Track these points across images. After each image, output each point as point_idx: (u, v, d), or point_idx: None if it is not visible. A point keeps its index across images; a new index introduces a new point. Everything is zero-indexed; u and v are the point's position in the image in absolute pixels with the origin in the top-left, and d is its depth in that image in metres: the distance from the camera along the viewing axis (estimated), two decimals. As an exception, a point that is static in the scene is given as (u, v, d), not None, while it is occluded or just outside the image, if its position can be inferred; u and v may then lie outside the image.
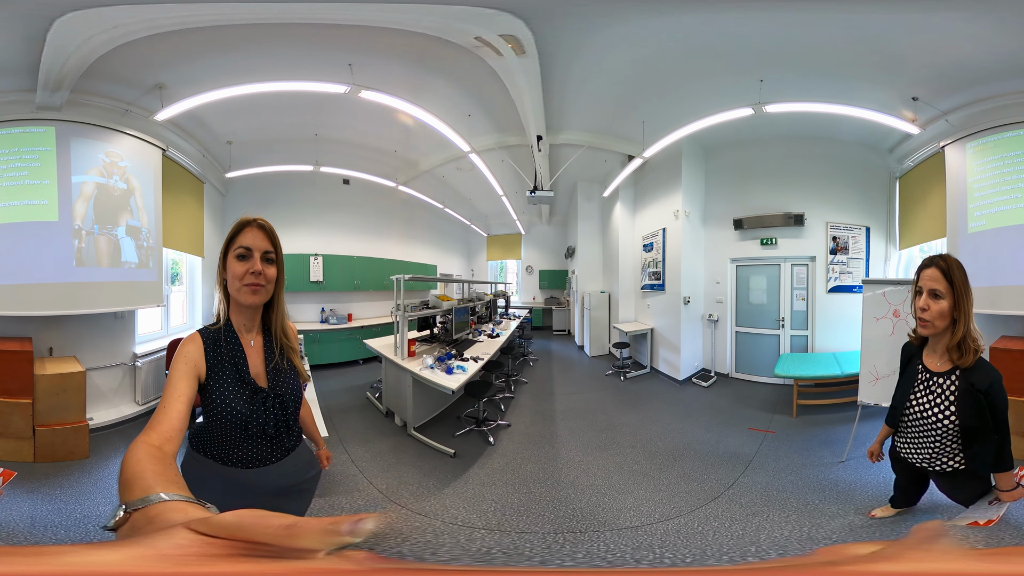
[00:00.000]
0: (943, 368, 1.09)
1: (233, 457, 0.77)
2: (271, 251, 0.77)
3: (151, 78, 2.65)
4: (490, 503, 1.90)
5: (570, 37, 2.33)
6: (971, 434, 1.05)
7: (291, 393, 0.82)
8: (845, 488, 1.94)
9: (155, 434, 0.56)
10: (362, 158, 4.51)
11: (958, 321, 1.03)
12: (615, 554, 1.48)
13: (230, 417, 0.75)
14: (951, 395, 1.07)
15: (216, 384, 0.75)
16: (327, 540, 0.21)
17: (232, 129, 3.64)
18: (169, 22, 2.02)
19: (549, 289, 8.33)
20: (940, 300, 1.02)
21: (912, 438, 1.17)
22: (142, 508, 0.32)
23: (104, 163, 2.71)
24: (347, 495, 1.95)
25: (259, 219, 0.77)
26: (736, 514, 1.77)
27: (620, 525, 1.71)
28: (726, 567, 0.23)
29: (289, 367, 0.83)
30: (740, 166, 4.17)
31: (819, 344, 3.86)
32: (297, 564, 0.19)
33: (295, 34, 2.36)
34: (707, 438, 2.65)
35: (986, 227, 2.65)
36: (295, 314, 4.94)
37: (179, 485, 0.38)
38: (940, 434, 1.09)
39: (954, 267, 1.02)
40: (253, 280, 0.74)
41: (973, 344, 1.04)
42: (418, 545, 0.23)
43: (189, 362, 0.72)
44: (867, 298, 2.30)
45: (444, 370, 2.76)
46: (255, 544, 0.21)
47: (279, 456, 0.81)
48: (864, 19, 2.04)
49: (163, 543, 0.21)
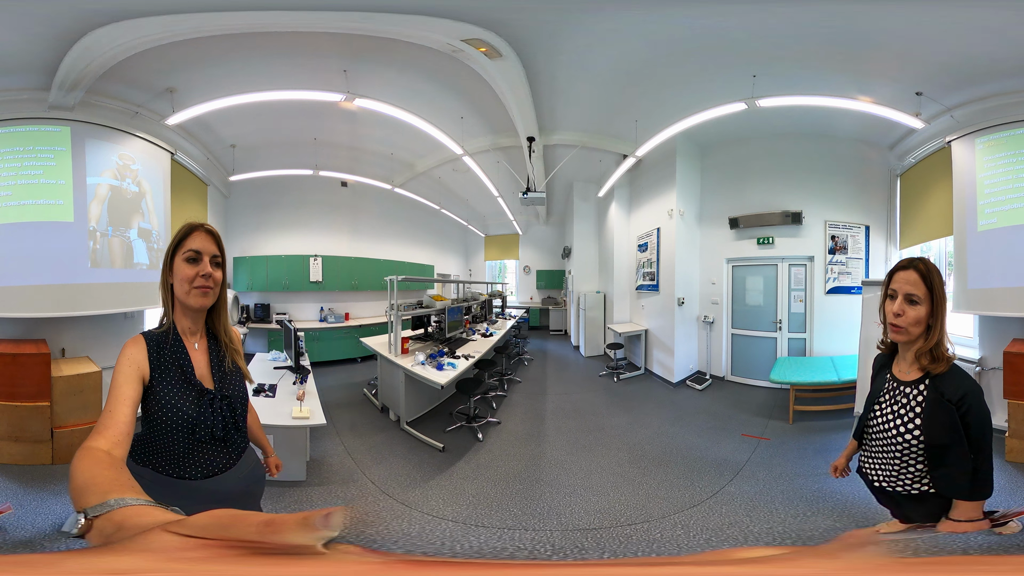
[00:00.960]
0: (912, 376, 0.97)
1: (185, 467, 0.75)
2: (218, 255, 0.78)
3: (161, 82, 2.72)
4: (468, 497, 1.94)
5: (542, 38, 2.36)
6: (939, 453, 0.91)
7: (238, 394, 0.83)
8: (840, 500, 1.82)
9: (103, 439, 0.55)
10: (359, 161, 4.60)
11: (933, 328, 0.93)
12: (559, 553, 1.46)
13: (177, 419, 0.74)
14: (917, 406, 0.94)
15: (162, 386, 0.74)
16: (304, 535, 0.21)
17: (236, 133, 3.75)
18: (185, 31, 2.11)
19: (546, 289, 8.35)
20: (917, 306, 0.93)
21: (875, 454, 1.03)
22: (104, 514, 0.32)
23: (118, 165, 2.77)
24: (342, 485, 2.02)
25: (206, 224, 0.79)
26: (711, 524, 1.70)
27: (578, 526, 1.69)
28: (607, 560, 0.22)
29: (234, 368, 0.84)
30: (736, 164, 4.12)
31: (817, 348, 3.78)
32: (309, 563, 0.19)
33: (295, 41, 2.44)
34: (697, 443, 2.60)
35: (997, 225, 2.55)
36: (295, 312, 5.06)
37: (136, 490, 0.37)
38: (902, 451, 0.96)
39: (934, 272, 0.93)
40: (203, 283, 0.75)
41: (945, 354, 0.93)
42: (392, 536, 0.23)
43: (133, 365, 0.71)
44: (867, 300, 2.23)
45: (435, 366, 2.83)
46: (243, 542, 0.20)
47: (231, 462, 0.81)
48: (865, 13, 1.99)
49: (157, 546, 0.21)
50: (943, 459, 0.92)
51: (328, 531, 0.22)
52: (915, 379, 0.97)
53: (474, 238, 8.60)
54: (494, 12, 2.06)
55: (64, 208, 2.51)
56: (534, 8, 2.08)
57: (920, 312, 0.92)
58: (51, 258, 2.46)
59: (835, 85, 2.66)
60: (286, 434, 2.01)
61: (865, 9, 1.98)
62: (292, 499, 1.88)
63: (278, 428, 1.98)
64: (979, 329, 2.88)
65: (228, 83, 2.77)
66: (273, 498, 1.87)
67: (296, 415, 2.02)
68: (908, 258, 0.98)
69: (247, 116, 3.32)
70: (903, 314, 0.93)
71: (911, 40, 2.18)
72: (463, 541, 0.22)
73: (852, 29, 2.14)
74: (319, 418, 2.02)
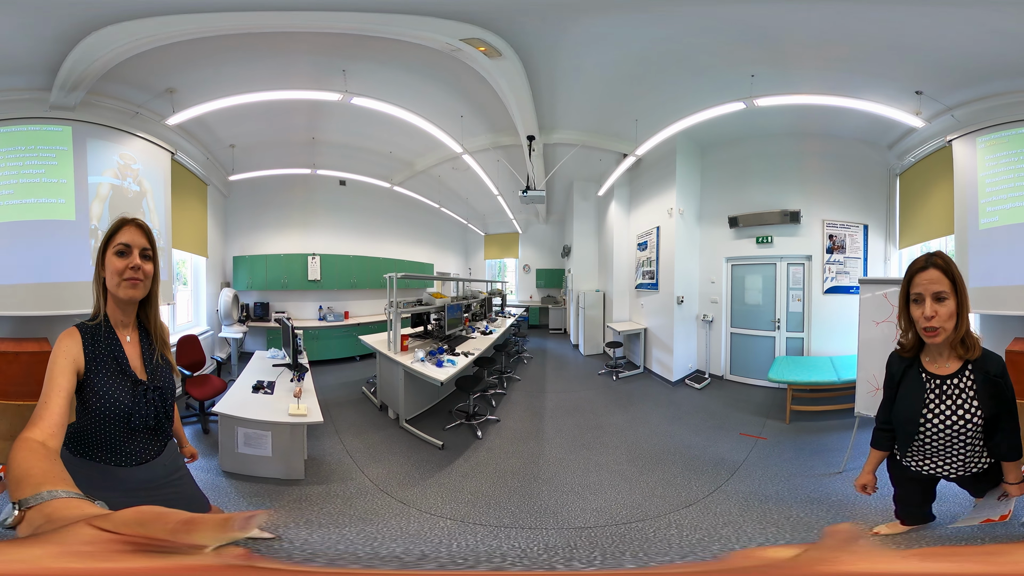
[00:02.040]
0: (952, 369, 1.01)
1: (117, 454, 0.78)
2: (148, 248, 0.80)
3: (161, 82, 2.72)
4: (467, 494, 1.95)
5: (540, 38, 2.35)
6: (993, 423, 0.99)
7: (168, 385, 0.86)
8: (837, 501, 1.82)
9: (38, 430, 0.56)
10: (358, 160, 4.59)
11: (960, 316, 0.95)
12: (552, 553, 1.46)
13: (114, 409, 0.76)
14: (971, 391, 0.98)
15: (97, 377, 0.76)
16: (220, 535, 0.21)
17: (235, 133, 3.74)
18: (186, 32, 2.11)
19: (546, 288, 8.35)
20: (946, 302, 0.94)
21: (934, 452, 1.06)
22: (36, 505, 0.33)
23: (119, 165, 2.78)
24: (341, 483, 2.03)
25: (137, 219, 0.81)
26: (705, 523, 1.70)
27: (573, 525, 1.70)
28: (631, 570, 0.22)
29: (164, 361, 0.87)
30: (735, 163, 4.13)
31: (815, 347, 3.78)
32: (181, 559, 0.20)
33: (294, 41, 2.44)
34: (695, 442, 2.60)
35: (999, 223, 2.55)
36: (294, 311, 5.06)
37: (68, 482, 0.38)
38: (969, 437, 1.00)
39: (952, 264, 0.96)
40: (132, 275, 0.77)
41: (974, 338, 0.98)
42: (307, 545, 0.23)
43: (68, 357, 0.72)
44: (864, 300, 2.17)
45: (434, 363, 2.84)
46: (153, 540, 0.21)
47: (160, 450, 0.85)
48: (867, 11, 1.98)
49: (71, 539, 0.21)
50: (996, 427, 0.99)
51: (241, 533, 0.22)
52: (956, 370, 1.00)
53: (474, 237, 8.59)
54: (492, 12, 2.05)
55: (66, 207, 2.52)
56: (533, 10, 2.08)
57: (950, 307, 0.94)
58: (53, 256, 2.45)
59: (834, 84, 2.66)
60: (284, 431, 2.01)
61: (864, 8, 1.97)
62: (291, 497, 1.89)
63: (276, 425, 1.99)
64: (980, 328, 2.86)
65: (228, 83, 2.76)
66: (272, 496, 1.87)
67: (293, 412, 2.02)
68: (923, 256, 0.97)
69: (246, 116, 3.31)
70: (936, 315, 0.93)
71: (910, 39, 2.17)
72: (460, 539, 0.22)
73: (850, 28, 2.13)
74: (316, 416, 2.03)
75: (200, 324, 4.18)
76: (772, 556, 0.21)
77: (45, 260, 2.43)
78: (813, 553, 0.20)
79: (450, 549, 0.24)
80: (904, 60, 2.37)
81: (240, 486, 1.94)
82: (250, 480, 1.98)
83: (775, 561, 0.20)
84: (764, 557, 0.21)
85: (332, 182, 5.12)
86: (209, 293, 4.35)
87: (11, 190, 2.40)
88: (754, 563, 0.21)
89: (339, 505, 1.83)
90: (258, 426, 2.00)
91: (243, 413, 2.05)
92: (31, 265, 2.40)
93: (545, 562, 0.23)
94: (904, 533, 1.36)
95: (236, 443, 2.01)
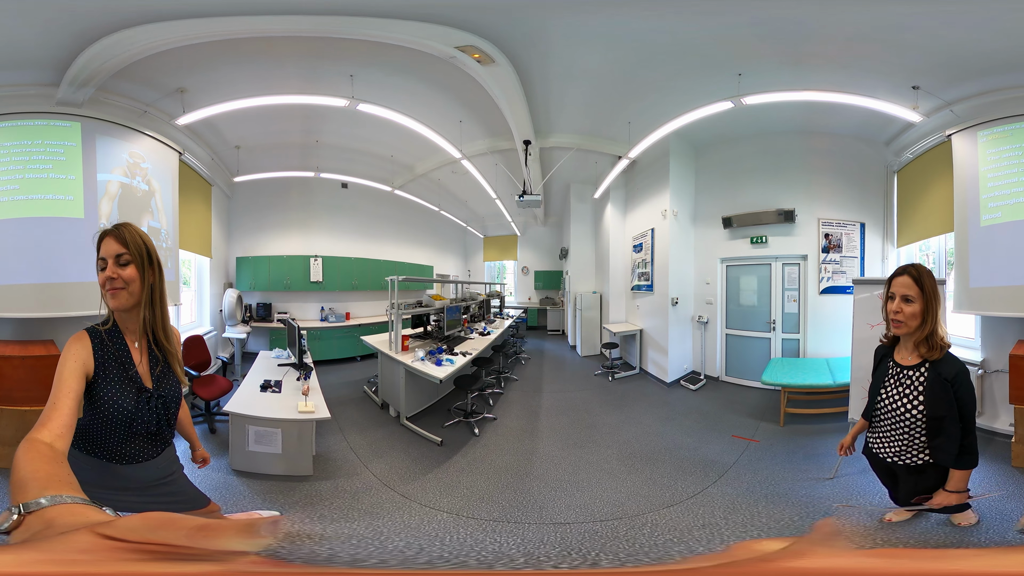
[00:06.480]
0: (913, 361, 1.16)
1: (115, 454, 0.81)
2: (124, 253, 0.80)
3: (172, 82, 2.72)
4: (463, 489, 2.01)
5: (532, 43, 2.38)
6: (937, 425, 1.09)
7: (173, 394, 0.88)
8: (828, 506, 1.79)
9: (46, 431, 0.56)
10: (359, 163, 4.67)
11: (927, 320, 1.11)
12: (527, 545, 1.46)
13: (117, 414, 0.79)
14: (920, 386, 1.12)
15: (104, 382, 0.78)
16: (247, 541, 0.20)
17: (241, 134, 3.81)
18: (201, 35, 2.13)
19: (544, 290, 8.40)
20: (912, 303, 1.11)
21: (883, 431, 1.21)
22: (37, 511, 0.32)
23: (128, 163, 2.70)
24: (347, 478, 2.09)
25: (112, 228, 0.82)
26: (685, 524, 1.69)
27: (555, 520, 1.73)
28: (634, 568, 0.21)
29: (171, 372, 0.88)
30: (730, 163, 4.12)
31: (811, 349, 3.74)
32: (209, 566, 0.19)
33: (303, 46, 2.49)
34: (687, 443, 2.60)
35: (1002, 220, 2.44)
36: (296, 312, 5.13)
37: (74, 486, 0.37)
38: (908, 425, 1.14)
39: (924, 274, 1.12)
40: (111, 286, 0.79)
41: (941, 342, 1.12)
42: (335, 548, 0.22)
43: (78, 360, 0.74)
44: (859, 300, 2.15)
45: (434, 362, 2.91)
46: (169, 546, 0.20)
47: (156, 453, 0.88)
48: (864, 7, 1.94)
49: (65, 547, 0.21)
50: (940, 429, 1.11)
51: (270, 537, 0.21)
52: (916, 364, 1.16)
53: (473, 239, 8.65)
54: (477, 14, 2.05)
55: (74, 204, 2.41)
56: (518, 8, 2.07)
57: (915, 308, 1.12)
58: (59, 256, 2.33)
59: (828, 80, 2.59)
60: (293, 428, 2.07)
61: (860, 5, 1.92)
62: (302, 493, 1.94)
63: (286, 422, 2.06)
64: (981, 330, 2.72)
65: (238, 85, 2.80)
66: (283, 492, 1.92)
67: (302, 409, 2.09)
68: (903, 265, 1.18)
69: (252, 118, 3.35)
70: (901, 311, 1.13)
71: (906, 33, 2.11)
72: (455, 532, 0.24)
73: (844, 22, 2.07)
74: (323, 412, 2.10)
75: (204, 324, 4.25)
76: (766, 548, 0.21)
77: (51, 259, 2.33)
78: (796, 546, 0.21)
79: (443, 542, 0.24)
80: (900, 54, 2.29)
81: (251, 484, 1.97)
82: (260, 478, 2.02)
83: (766, 554, 0.21)
84: (759, 549, 0.21)
85: (334, 185, 5.19)
86: (213, 293, 4.43)
87: (16, 185, 2.29)
88: (748, 555, 0.21)
89: (347, 500, 1.89)
90: (269, 424, 2.05)
91: (253, 411, 2.10)
92: (37, 264, 2.30)
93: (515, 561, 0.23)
94: (911, 519, 1.41)
95: (247, 441, 2.06)
